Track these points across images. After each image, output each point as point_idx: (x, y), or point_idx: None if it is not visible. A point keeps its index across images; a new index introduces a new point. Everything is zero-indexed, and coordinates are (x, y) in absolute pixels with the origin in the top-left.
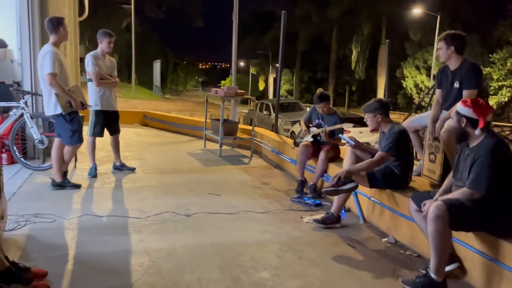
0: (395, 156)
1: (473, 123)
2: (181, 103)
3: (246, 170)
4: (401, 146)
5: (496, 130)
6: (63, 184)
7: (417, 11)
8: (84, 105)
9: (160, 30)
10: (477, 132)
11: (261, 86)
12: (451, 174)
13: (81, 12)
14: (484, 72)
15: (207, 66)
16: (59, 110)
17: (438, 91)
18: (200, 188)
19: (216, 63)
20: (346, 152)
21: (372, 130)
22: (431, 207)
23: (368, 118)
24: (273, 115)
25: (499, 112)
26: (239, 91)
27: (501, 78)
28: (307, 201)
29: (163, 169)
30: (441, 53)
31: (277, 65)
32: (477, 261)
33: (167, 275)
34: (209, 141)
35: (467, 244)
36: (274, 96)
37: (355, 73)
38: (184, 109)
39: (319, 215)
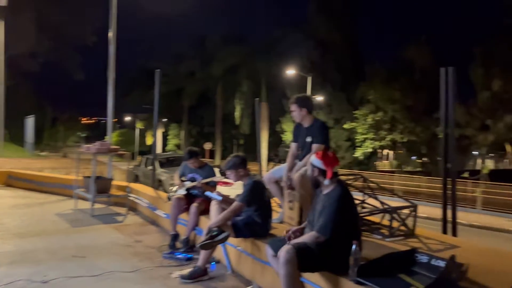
0: (250, 205)
1: (322, 173)
2: (58, 160)
3: (118, 229)
4: (254, 195)
5: (343, 178)
6: None
7: (290, 72)
8: None
9: (36, 84)
10: (326, 182)
11: (149, 140)
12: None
13: None
14: (350, 127)
15: (92, 121)
16: None
17: (293, 144)
18: (64, 251)
19: (101, 118)
20: (211, 205)
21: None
22: (282, 251)
23: (231, 174)
24: (158, 170)
25: (366, 162)
26: (113, 146)
27: (364, 132)
28: (178, 255)
29: (24, 233)
30: (295, 114)
31: (164, 120)
32: None
33: None
34: (83, 200)
35: (314, 283)
36: (163, 151)
37: (240, 128)
38: (60, 166)
39: (188, 270)
